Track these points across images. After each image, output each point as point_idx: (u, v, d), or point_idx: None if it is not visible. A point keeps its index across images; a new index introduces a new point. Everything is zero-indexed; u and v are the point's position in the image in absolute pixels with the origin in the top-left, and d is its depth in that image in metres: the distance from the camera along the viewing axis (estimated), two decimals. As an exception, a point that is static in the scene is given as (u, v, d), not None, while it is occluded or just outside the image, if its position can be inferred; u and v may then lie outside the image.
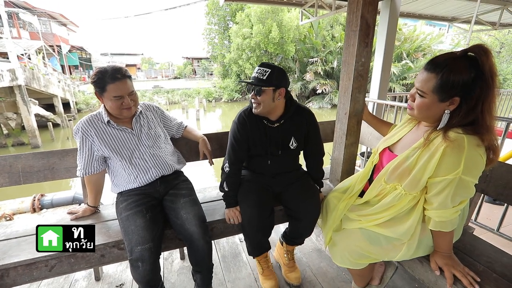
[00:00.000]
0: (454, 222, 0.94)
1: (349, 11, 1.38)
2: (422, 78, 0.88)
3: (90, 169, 1.26)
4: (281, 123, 1.31)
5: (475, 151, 0.82)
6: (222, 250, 1.83)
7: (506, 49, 21.76)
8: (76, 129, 1.22)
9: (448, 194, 0.87)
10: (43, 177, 1.46)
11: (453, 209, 0.91)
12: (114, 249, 1.24)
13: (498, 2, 4.42)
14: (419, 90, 0.90)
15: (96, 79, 1.19)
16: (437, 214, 0.92)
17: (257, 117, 1.31)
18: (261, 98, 1.21)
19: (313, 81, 16.07)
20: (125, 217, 1.19)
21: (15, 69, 8.54)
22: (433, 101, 0.87)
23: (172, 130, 1.53)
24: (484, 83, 0.80)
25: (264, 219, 1.29)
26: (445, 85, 0.83)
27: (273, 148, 1.33)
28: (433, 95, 0.86)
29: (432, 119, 0.93)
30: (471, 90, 0.81)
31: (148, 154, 1.32)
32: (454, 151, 0.82)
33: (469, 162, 0.82)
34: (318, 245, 1.85)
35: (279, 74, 1.20)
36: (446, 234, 0.96)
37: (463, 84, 0.81)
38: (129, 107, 1.25)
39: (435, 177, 0.89)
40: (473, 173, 0.85)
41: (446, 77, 0.82)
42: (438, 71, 0.84)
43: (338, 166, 1.64)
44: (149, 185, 1.33)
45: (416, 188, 0.95)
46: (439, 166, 0.86)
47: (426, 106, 0.90)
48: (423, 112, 0.92)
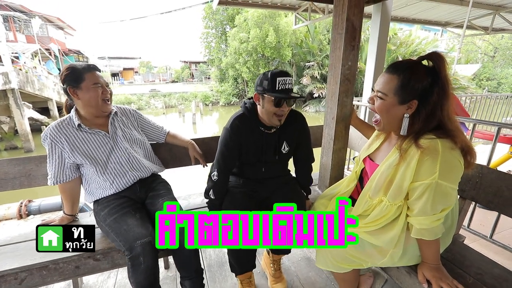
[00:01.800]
0: (436, 231, 0.90)
1: (335, 14, 1.35)
2: (383, 80, 0.90)
3: (61, 177, 1.20)
4: (278, 128, 1.26)
5: (450, 154, 0.82)
6: (208, 259, 1.77)
7: (500, 53, 22.06)
8: (44, 136, 1.16)
9: (427, 200, 0.85)
10: (18, 184, 1.40)
11: (434, 216, 0.88)
12: (90, 260, 1.18)
13: (490, 7, 4.45)
14: (380, 92, 0.91)
15: (70, 71, 1.15)
16: (418, 221, 0.90)
17: (253, 124, 1.24)
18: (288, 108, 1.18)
19: (310, 85, 16.12)
20: (112, 220, 1.13)
21: (8, 73, 8.45)
22: (392, 103, 0.89)
23: (152, 135, 1.48)
24: (441, 89, 0.83)
25: None
26: (405, 86, 0.85)
27: (268, 155, 1.29)
28: (393, 96, 0.88)
29: (395, 125, 0.93)
30: (428, 94, 0.84)
31: (125, 158, 1.26)
32: (429, 157, 0.82)
33: (445, 166, 0.81)
34: (307, 253, 1.80)
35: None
36: (430, 243, 0.92)
37: (422, 87, 0.84)
38: (107, 99, 1.23)
39: (414, 182, 0.87)
40: (450, 177, 0.83)
41: (407, 78, 0.85)
42: (399, 73, 0.86)
43: (326, 172, 1.59)
44: (128, 190, 1.28)
45: (399, 197, 0.92)
46: (417, 171, 0.85)
47: (386, 108, 0.91)
48: (384, 116, 0.93)
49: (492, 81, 21.49)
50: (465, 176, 1.23)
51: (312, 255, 1.77)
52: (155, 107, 19.51)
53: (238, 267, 1.34)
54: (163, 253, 1.29)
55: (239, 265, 1.33)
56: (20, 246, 1.21)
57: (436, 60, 0.84)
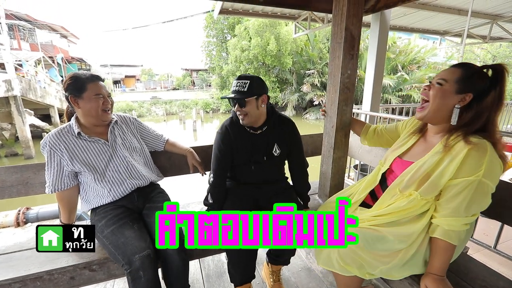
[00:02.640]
0: (461, 236, 0.89)
1: (334, 23, 1.37)
2: (447, 71, 0.94)
3: (60, 185, 1.19)
4: (264, 130, 1.32)
5: (496, 155, 0.84)
6: (206, 268, 1.73)
7: (498, 61, 22.21)
8: (44, 143, 1.16)
9: (464, 198, 0.85)
10: (16, 193, 1.39)
11: (465, 219, 0.87)
12: (85, 270, 1.16)
13: (488, 17, 4.51)
14: (441, 79, 0.93)
15: (73, 80, 1.16)
16: (447, 222, 0.88)
17: (240, 127, 1.31)
18: (246, 109, 1.23)
19: (310, 93, 16.20)
20: (110, 232, 1.11)
21: (11, 80, 8.53)
22: (450, 90, 0.91)
23: (151, 143, 1.48)
24: (497, 94, 0.88)
25: None
26: (467, 78, 0.89)
27: (258, 155, 1.33)
28: (453, 84, 0.91)
29: (442, 114, 0.94)
30: (484, 94, 0.88)
31: (123, 166, 1.26)
32: (477, 153, 0.83)
33: (491, 165, 0.83)
34: (307, 263, 1.76)
35: (258, 83, 1.23)
36: (447, 250, 0.90)
37: (480, 85, 0.88)
38: (108, 110, 1.23)
39: (455, 179, 0.87)
40: (494, 177, 0.84)
41: (470, 72, 0.90)
42: (465, 67, 0.92)
43: (326, 181, 1.58)
44: (126, 199, 1.27)
45: (433, 192, 0.92)
46: (460, 167, 0.85)
47: (441, 94, 0.92)
48: (436, 101, 0.93)
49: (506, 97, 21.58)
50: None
51: (313, 265, 1.74)
52: (156, 114, 19.59)
53: (237, 278, 1.31)
54: (159, 262, 1.27)
55: (239, 275, 1.30)
56: (15, 256, 1.19)
57: (499, 70, 0.89)
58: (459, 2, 3.82)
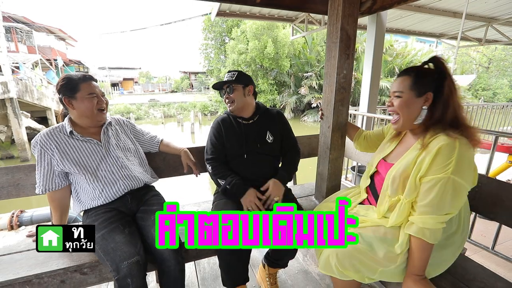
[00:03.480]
0: (437, 235, 0.88)
1: (329, 23, 1.36)
2: (398, 82, 1.00)
3: (50, 185, 1.17)
4: (255, 119, 1.43)
5: (467, 152, 0.85)
6: (202, 271, 1.71)
7: (494, 64, 22.44)
8: (35, 142, 1.14)
9: (435, 196, 0.85)
10: (6, 194, 1.36)
11: (439, 217, 0.86)
12: (76, 274, 1.14)
13: (483, 19, 4.55)
14: (397, 92, 0.99)
15: (65, 81, 1.16)
16: (422, 219, 0.88)
17: (232, 118, 1.42)
18: (233, 95, 1.37)
19: (308, 95, 16.24)
20: (100, 236, 1.08)
21: (7, 82, 8.47)
22: (410, 97, 0.96)
23: (145, 144, 1.46)
24: (449, 81, 0.92)
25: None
26: (418, 81, 0.95)
27: (251, 143, 1.38)
28: (409, 91, 0.96)
29: (415, 120, 0.98)
30: (440, 86, 0.93)
31: (116, 166, 1.24)
32: (446, 150, 0.85)
33: (460, 162, 0.83)
34: (304, 265, 1.74)
35: (245, 75, 1.39)
36: (425, 248, 0.89)
37: (433, 80, 0.93)
38: (103, 109, 1.23)
39: (425, 176, 0.88)
40: (465, 174, 0.84)
41: (418, 75, 0.96)
42: (410, 73, 0.98)
43: (323, 182, 1.56)
44: (119, 201, 1.24)
45: (415, 191, 0.91)
46: (431, 164, 0.87)
47: (405, 104, 0.97)
48: (404, 111, 0.98)
49: (488, 91, 21.78)
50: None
51: (310, 267, 1.72)
52: (154, 117, 19.54)
53: (229, 281, 1.28)
54: (154, 266, 1.25)
55: (231, 278, 1.27)
56: (4, 259, 1.16)
57: (438, 62, 0.95)
58: (455, 5, 3.85)
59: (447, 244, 0.97)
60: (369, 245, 0.97)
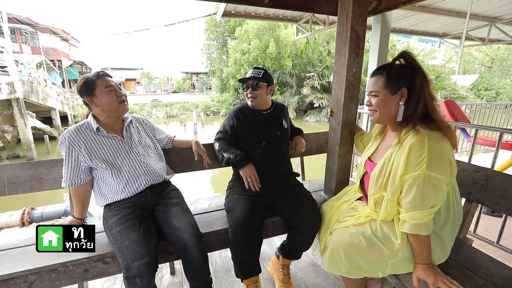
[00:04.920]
0: (428, 225, 0.92)
1: (339, 23, 1.41)
2: (372, 82, 1.04)
3: (76, 179, 1.22)
4: (272, 110, 1.55)
5: (438, 145, 0.88)
6: (214, 264, 1.76)
7: (497, 64, 22.38)
8: (63, 139, 1.19)
9: (416, 193, 0.89)
10: (29, 188, 1.42)
11: (426, 211, 0.90)
12: (99, 263, 1.19)
13: (486, 19, 4.58)
14: (373, 92, 1.04)
15: (82, 82, 1.23)
16: (411, 216, 0.92)
17: (251, 109, 1.50)
18: (258, 92, 1.45)
19: (310, 95, 16.28)
20: (117, 232, 1.13)
21: (14, 82, 8.59)
22: (386, 96, 1.00)
23: (161, 142, 1.54)
24: (421, 75, 0.96)
25: (251, 232, 1.23)
26: (391, 78, 0.98)
27: (271, 130, 1.48)
28: (384, 90, 1.00)
29: (393, 116, 1.01)
30: (413, 81, 0.96)
31: (138, 162, 1.29)
32: (416, 148, 0.88)
33: (431, 158, 0.86)
34: (313, 259, 1.79)
35: (270, 75, 1.49)
36: (423, 240, 0.94)
37: (405, 76, 0.97)
38: (124, 101, 1.28)
39: (405, 175, 0.91)
40: (438, 167, 0.87)
41: (390, 73, 0.99)
42: (382, 71, 1.01)
43: (332, 177, 1.61)
44: (139, 196, 1.29)
45: (397, 189, 0.95)
46: (407, 163, 0.91)
47: (382, 102, 1.01)
48: (382, 109, 1.02)
49: (490, 91, 21.73)
50: (471, 179, 1.25)
51: (319, 261, 1.76)
52: (156, 117, 19.63)
53: (242, 273, 1.32)
54: (171, 257, 1.30)
55: (243, 270, 1.32)
56: (29, 249, 1.21)
57: (407, 57, 0.99)
58: (458, 4, 3.88)
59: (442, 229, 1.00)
60: (371, 242, 1.01)
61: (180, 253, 1.20)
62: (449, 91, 14.89)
